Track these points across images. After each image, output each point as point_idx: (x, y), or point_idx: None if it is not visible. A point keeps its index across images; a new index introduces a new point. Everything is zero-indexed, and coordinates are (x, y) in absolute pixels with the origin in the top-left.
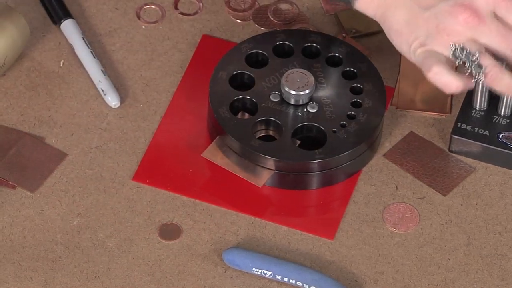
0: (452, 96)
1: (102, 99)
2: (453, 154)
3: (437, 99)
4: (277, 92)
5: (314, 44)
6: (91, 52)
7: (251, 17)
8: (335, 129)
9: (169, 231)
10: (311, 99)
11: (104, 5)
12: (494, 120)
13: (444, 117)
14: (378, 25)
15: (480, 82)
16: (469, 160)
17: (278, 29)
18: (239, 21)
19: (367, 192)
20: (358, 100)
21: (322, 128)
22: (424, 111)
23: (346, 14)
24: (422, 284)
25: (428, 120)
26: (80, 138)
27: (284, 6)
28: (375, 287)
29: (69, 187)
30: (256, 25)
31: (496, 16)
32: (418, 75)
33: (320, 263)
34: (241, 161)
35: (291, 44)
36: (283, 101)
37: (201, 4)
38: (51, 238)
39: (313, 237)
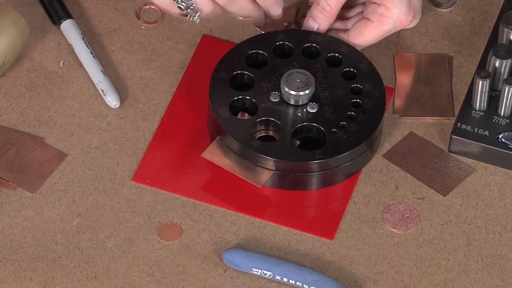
0: (453, 99)
1: (102, 99)
2: (453, 155)
3: (440, 104)
4: (277, 92)
5: (314, 44)
6: (91, 52)
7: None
8: (335, 129)
9: (169, 232)
10: (311, 99)
11: (104, 5)
12: (494, 120)
13: (448, 120)
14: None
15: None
16: (469, 160)
17: (278, 29)
18: (241, 18)
19: (367, 192)
20: (358, 100)
21: (322, 128)
22: (428, 117)
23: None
24: (422, 284)
25: (427, 121)
26: (80, 138)
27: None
28: (375, 287)
29: (69, 187)
30: (256, 26)
31: None
32: (415, 82)
33: (320, 263)
34: (241, 162)
35: (291, 44)
36: (283, 101)
37: None
38: (51, 238)
39: (313, 237)
